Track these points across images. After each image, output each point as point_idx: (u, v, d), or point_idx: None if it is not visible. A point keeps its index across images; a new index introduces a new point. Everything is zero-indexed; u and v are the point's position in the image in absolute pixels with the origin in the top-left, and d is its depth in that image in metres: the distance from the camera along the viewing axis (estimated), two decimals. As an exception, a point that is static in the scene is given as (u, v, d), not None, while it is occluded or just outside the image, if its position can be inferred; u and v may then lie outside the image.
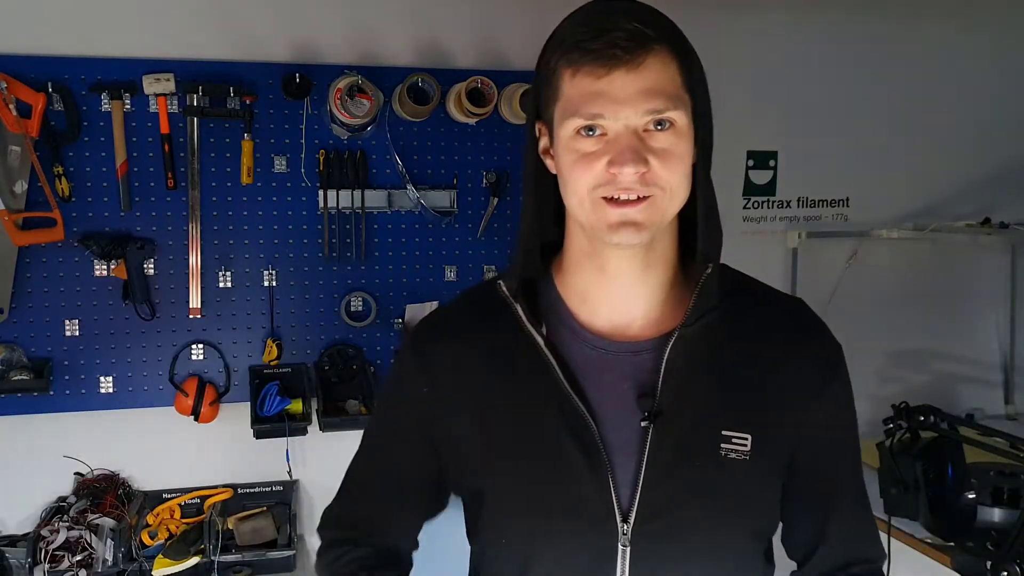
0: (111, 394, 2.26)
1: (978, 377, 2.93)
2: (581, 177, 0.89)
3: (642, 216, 0.88)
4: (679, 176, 0.89)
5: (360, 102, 2.22)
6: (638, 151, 0.86)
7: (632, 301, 0.98)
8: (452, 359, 1.03)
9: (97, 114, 2.19)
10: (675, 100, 0.87)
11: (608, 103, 0.86)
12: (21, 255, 2.17)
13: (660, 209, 0.89)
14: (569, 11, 0.95)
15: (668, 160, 0.87)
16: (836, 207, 2.80)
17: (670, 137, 0.88)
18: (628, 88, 0.85)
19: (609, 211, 0.88)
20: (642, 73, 0.86)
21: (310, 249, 2.36)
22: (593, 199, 0.89)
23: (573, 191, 0.91)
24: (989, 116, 2.84)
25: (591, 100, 0.86)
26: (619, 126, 0.87)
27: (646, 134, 0.87)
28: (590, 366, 0.97)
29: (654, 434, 0.93)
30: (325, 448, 2.41)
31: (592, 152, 0.88)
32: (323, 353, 2.39)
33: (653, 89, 0.86)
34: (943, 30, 2.79)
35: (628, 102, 0.85)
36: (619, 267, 0.96)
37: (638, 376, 0.96)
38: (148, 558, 2.18)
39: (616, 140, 0.87)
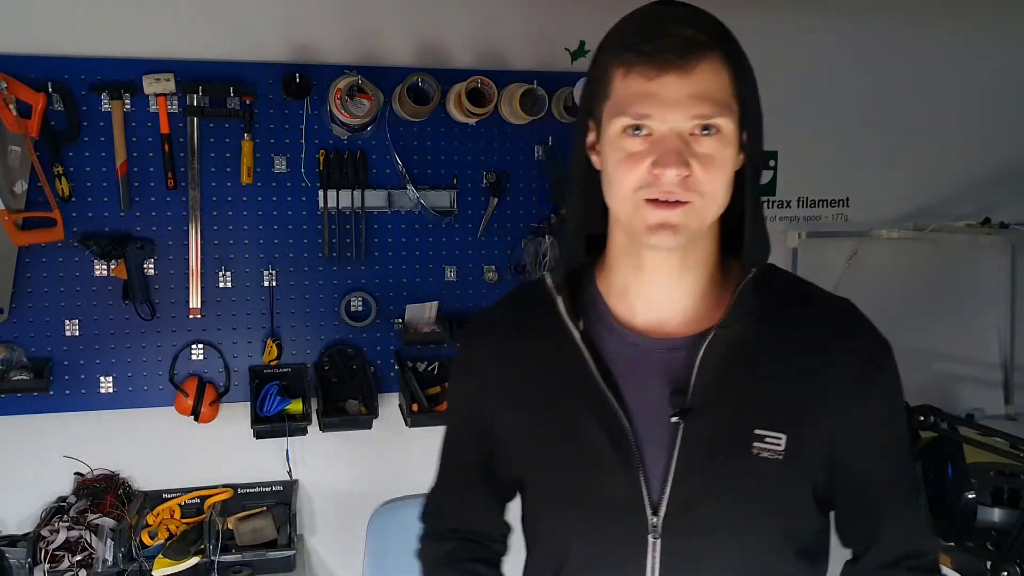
0: (111, 394, 2.27)
1: (978, 377, 2.93)
2: (625, 177, 0.90)
3: (680, 220, 0.89)
4: (719, 183, 0.90)
5: (360, 102, 2.22)
6: (682, 154, 0.87)
7: (669, 299, 0.99)
8: (495, 354, 1.07)
9: (97, 114, 2.19)
10: (723, 107, 0.88)
11: (657, 105, 0.87)
12: (21, 255, 2.17)
13: (698, 215, 0.91)
14: (568, 11, 0.95)
15: (710, 166, 0.89)
16: (836, 207, 2.80)
17: (715, 143, 0.89)
18: (677, 92, 0.87)
19: (649, 212, 0.90)
20: (692, 78, 0.87)
21: (310, 249, 2.36)
22: (635, 200, 0.90)
23: (616, 189, 0.92)
24: (989, 116, 2.84)
25: (640, 100, 0.88)
26: (665, 128, 0.88)
27: (692, 138, 0.88)
28: (625, 362, 0.99)
29: (685, 430, 0.95)
30: (325, 448, 2.41)
31: (637, 152, 0.89)
32: (323, 353, 2.39)
33: (702, 95, 0.87)
34: (943, 30, 2.79)
35: (676, 105, 0.87)
36: (656, 266, 0.97)
37: (672, 373, 0.97)
38: (148, 558, 2.18)
39: (662, 142, 0.88)
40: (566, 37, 2.46)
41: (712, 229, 0.97)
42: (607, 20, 1.05)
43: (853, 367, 0.98)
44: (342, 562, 2.50)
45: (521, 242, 2.49)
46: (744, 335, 0.96)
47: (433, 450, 1.19)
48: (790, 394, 0.96)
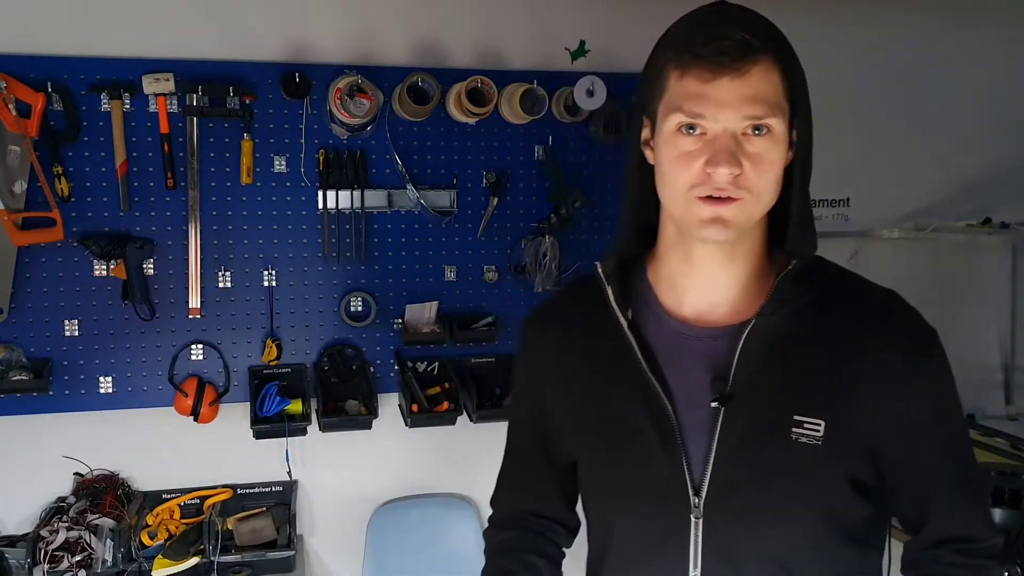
0: (110, 394, 2.26)
1: (978, 378, 2.93)
2: (679, 174, 0.94)
3: (731, 215, 0.94)
4: (769, 181, 0.95)
5: (360, 102, 2.22)
6: (734, 153, 0.91)
7: (715, 290, 1.03)
8: (550, 342, 1.14)
9: (96, 114, 2.19)
10: (774, 108, 0.93)
11: (711, 106, 0.92)
12: (21, 255, 2.17)
13: (748, 211, 0.95)
14: (567, 11, 0.96)
15: (760, 165, 0.93)
16: (836, 207, 2.80)
17: (766, 142, 0.93)
18: (731, 94, 0.91)
19: (703, 208, 0.94)
20: (746, 81, 0.91)
21: (310, 249, 2.36)
22: (688, 197, 0.95)
23: (670, 186, 0.97)
24: (989, 116, 2.84)
25: (695, 101, 0.92)
26: (718, 128, 0.92)
27: (743, 137, 0.93)
28: (670, 349, 1.03)
29: (725, 415, 0.99)
30: (325, 448, 2.41)
31: (691, 151, 0.93)
32: (323, 353, 2.39)
33: (754, 96, 0.91)
34: (943, 30, 2.79)
35: (729, 106, 0.91)
36: (704, 257, 1.01)
37: (714, 360, 1.01)
38: (147, 558, 2.18)
39: (714, 141, 0.92)
40: (566, 37, 2.46)
41: (760, 222, 1.01)
42: (607, 20, 1.06)
43: (895, 357, 1.00)
44: (342, 562, 2.50)
45: (521, 242, 2.49)
46: (787, 324, 0.99)
47: (433, 450, 1.20)
48: (830, 382, 0.99)
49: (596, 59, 2.47)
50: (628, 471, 1.05)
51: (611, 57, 2.47)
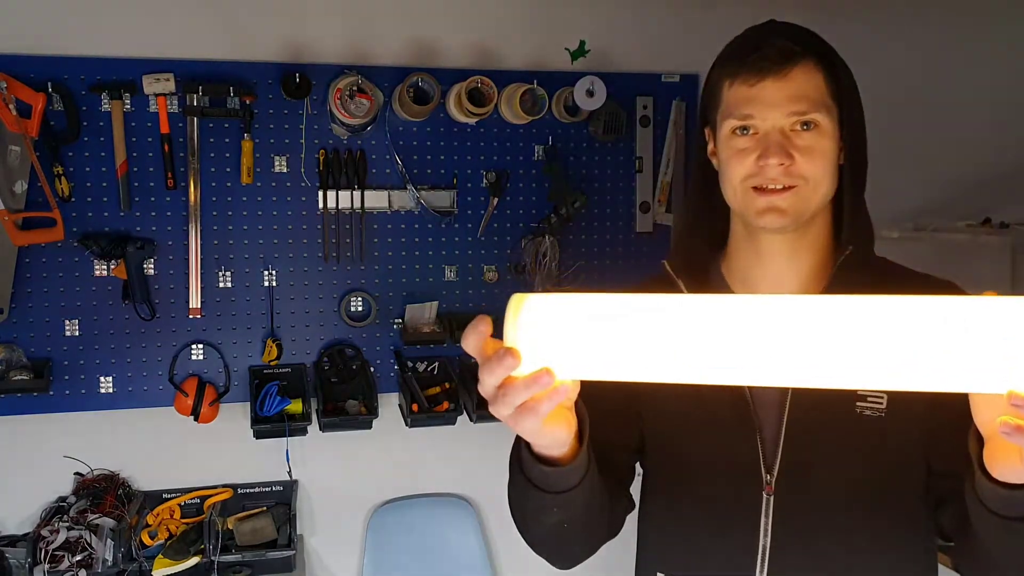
0: (111, 394, 2.27)
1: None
2: (735, 169, 1.03)
3: (786, 203, 1.01)
4: (821, 170, 1.01)
5: (360, 102, 2.22)
6: (783, 146, 0.99)
7: (784, 282, 1.09)
8: None
9: (97, 114, 2.19)
10: (818, 104, 1.01)
11: (758, 106, 1.01)
12: (21, 255, 2.17)
13: (803, 198, 1.01)
14: (568, 11, 0.98)
15: (810, 155, 1.00)
16: (836, 207, 2.80)
17: (814, 136, 1.01)
18: (776, 94, 1.00)
19: (757, 199, 1.02)
20: (789, 82, 1.00)
21: (310, 249, 2.36)
22: (744, 188, 1.03)
23: (729, 181, 1.05)
24: (990, 116, 2.84)
25: (744, 104, 1.02)
26: (767, 126, 1.01)
27: (792, 134, 1.01)
28: None
29: (794, 394, 1.04)
30: (325, 448, 2.41)
31: (745, 148, 1.02)
32: (323, 353, 2.39)
33: (798, 95, 1.00)
34: (944, 30, 2.79)
35: (776, 105, 1.00)
36: (772, 249, 1.08)
37: None
38: (148, 558, 2.19)
39: (765, 137, 1.01)
40: (566, 37, 2.46)
41: (823, 217, 1.08)
42: (607, 20, 1.07)
43: None
44: (342, 562, 2.50)
45: (521, 242, 2.49)
46: None
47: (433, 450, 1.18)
48: None
49: (596, 59, 2.47)
50: (705, 448, 1.09)
51: (611, 57, 2.48)
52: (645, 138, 2.53)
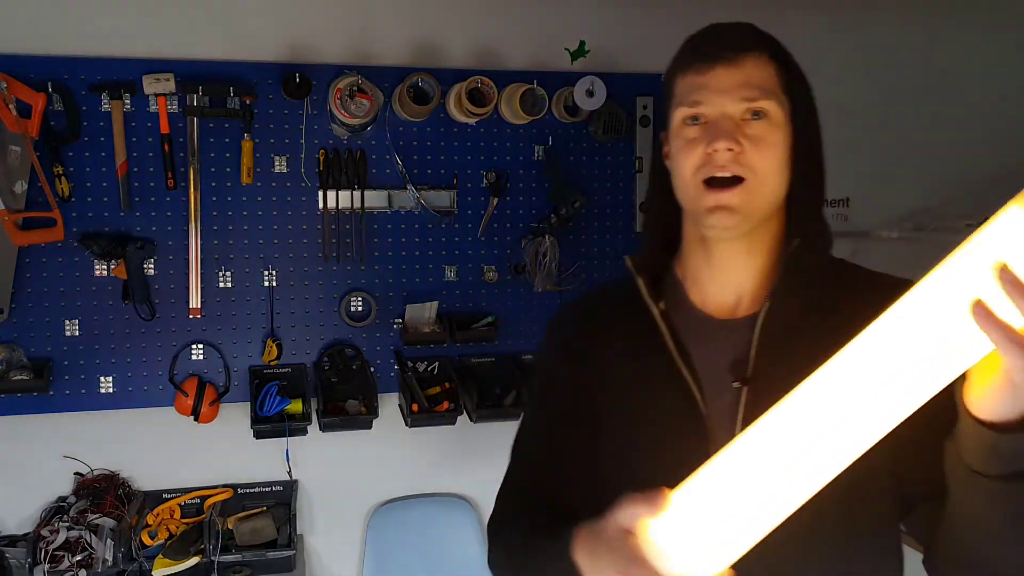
0: (111, 394, 2.27)
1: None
2: (685, 161, 1.00)
3: (736, 201, 0.97)
4: (771, 162, 0.98)
5: (360, 102, 2.22)
6: (731, 132, 0.96)
7: (736, 283, 1.06)
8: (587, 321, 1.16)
9: (97, 114, 2.19)
10: (768, 92, 0.98)
11: (708, 93, 0.98)
12: (21, 255, 2.17)
13: (753, 193, 0.98)
14: (568, 11, 0.98)
15: (760, 145, 0.97)
16: (836, 207, 2.80)
17: (764, 126, 0.98)
18: (726, 81, 0.98)
19: (707, 196, 0.98)
20: (740, 69, 0.98)
21: (310, 249, 2.36)
22: (695, 183, 0.99)
23: (680, 176, 1.01)
24: (990, 116, 2.84)
25: (694, 91, 0.99)
26: (717, 112, 0.98)
27: (743, 122, 0.98)
28: (699, 338, 1.05)
29: (748, 399, 1.00)
30: (325, 448, 2.41)
31: (695, 138, 0.99)
32: (323, 353, 2.39)
33: (748, 82, 0.98)
34: (944, 30, 2.79)
35: (725, 92, 0.97)
36: (723, 253, 1.05)
37: (737, 348, 1.03)
38: (148, 558, 2.19)
39: (714, 124, 0.98)
40: (566, 37, 2.46)
41: (777, 220, 1.04)
42: (607, 20, 1.07)
43: None
44: (342, 562, 2.50)
45: (521, 242, 2.49)
46: (808, 308, 1.01)
47: (433, 450, 1.18)
48: None
49: (596, 59, 2.47)
50: (656, 458, 1.03)
51: (611, 57, 2.48)
52: (645, 138, 2.53)
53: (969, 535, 0.91)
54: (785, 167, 1.00)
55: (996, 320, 0.69)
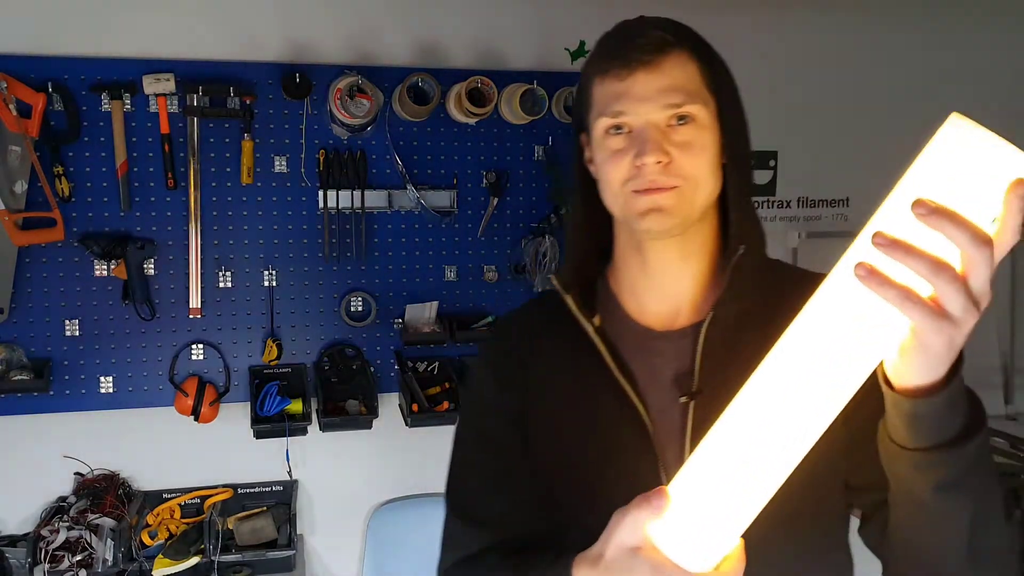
0: (111, 394, 2.27)
1: (978, 378, 2.89)
2: (612, 172, 0.96)
3: (669, 203, 0.94)
4: (702, 168, 0.95)
5: (360, 102, 2.22)
6: (659, 143, 0.92)
7: (674, 290, 1.03)
8: (520, 342, 1.10)
9: (97, 114, 2.19)
10: (693, 96, 0.94)
11: (630, 101, 0.93)
12: (21, 255, 2.17)
13: (686, 198, 0.94)
14: (568, 10, 0.97)
15: (689, 151, 0.93)
16: (836, 207, 2.80)
17: (691, 130, 0.94)
18: (648, 87, 0.93)
19: (639, 200, 0.94)
20: (661, 73, 0.93)
21: (310, 249, 2.36)
22: (625, 193, 0.95)
23: (607, 187, 0.98)
24: (990, 116, 2.83)
25: (615, 100, 0.94)
26: (641, 122, 0.93)
27: (668, 129, 0.94)
28: (638, 353, 1.02)
29: (696, 413, 0.97)
30: (325, 448, 2.41)
31: (620, 149, 0.95)
32: (323, 353, 2.39)
33: (671, 87, 0.93)
34: (944, 29, 2.79)
35: (648, 99, 0.93)
36: (658, 257, 1.01)
37: (681, 360, 1.00)
38: (148, 558, 2.19)
39: (639, 135, 0.93)
40: (566, 37, 2.45)
41: (710, 220, 1.01)
42: (607, 20, 1.06)
43: None
44: (342, 562, 2.50)
45: (521, 242, 2.49)
46: (747, 315, 0.98)
47: (433, 450, 1.17)
48: None
49: (596, 59, 2.47)
50: (603, 476, 0.99)
51: (611, 57, 2.47)
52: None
53: (909, 524, 0.88)
54: (716, 167, 0.97)
55: (884, 279, 0.66)
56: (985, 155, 0.68)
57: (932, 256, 0.65)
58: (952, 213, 0.65)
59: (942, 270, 0.65)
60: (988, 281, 0.68)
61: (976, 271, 0.66)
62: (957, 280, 0.65)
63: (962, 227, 0.65)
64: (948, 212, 0.65)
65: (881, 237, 0.67)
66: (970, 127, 0.69)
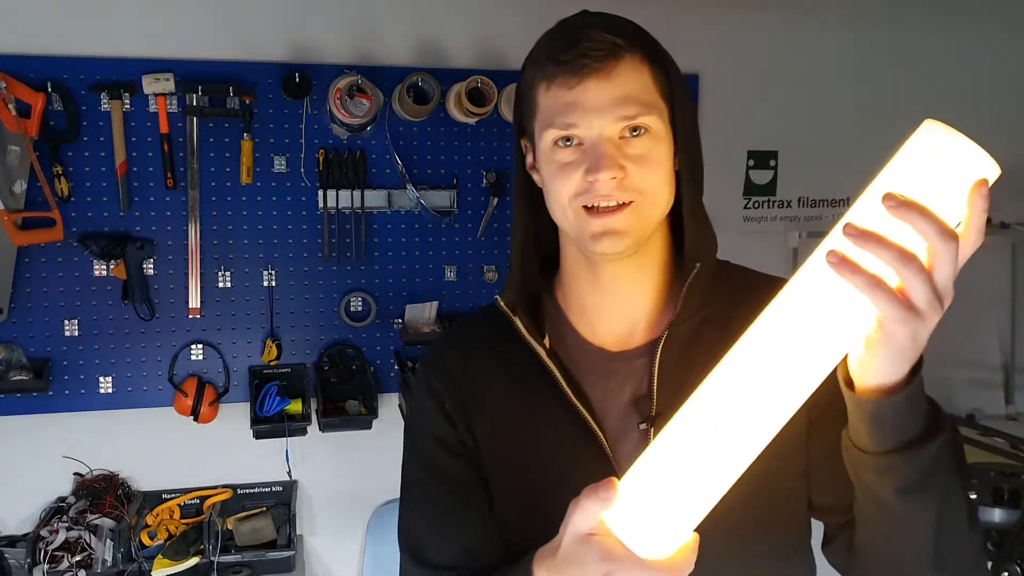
0: (110, 394, 2.26)
1: (978, 377, 2.93)
2: (561, 187, 0.90)
3: (624, 224, 0.88)
4: (658, 181, 0.90)
5: (360, 102, 2.22)
6: (613, 158, 0.86)
7: (629, 308, 0.98)
8: (465, 367, 1.02)
9: (96, 114, 2.19)
10: (648, 106, 0.88)
11: (581, 113, 0.87)
12: (20, 255, 2.17)
13: (642, 215, 0.89)
14: (568, 10, 0.95)
15: (645, 165, 0.88)
16: (837, 207, 2.80)
17: (646, 143, 0.88)
18: (600, 97, 0.86)
19: (591, 221, 0.89)
20: (613, 81, 0.86)
21: (310, 249, 2.36)
22: (575, 208, 0.89)
23: (556, 201, 0.92)
24: (990, 116, 2.83)
25: (565, 111, 0.87)
26: (594, 134, 0.87)
27: (622, 141, 0.88)
28: (593, 375, 0.97)
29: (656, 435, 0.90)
30: (325, 449, 2.41)
31: (570, 162, 0.89)
32: (323, 353, 2.39)
33: (625, 97, 0.87)
34: (944, 29, 2.79)
35: (601, 111, 0.86)
36: (612, 275, 0.96)
37: (638, 380, 0.95)
38: (147, 558, 2.19)
39: (592, 148, 0.87)
40: (566, 37, 2.45)
41: (662, 231, 0.97)
42: (607, 19, 1.03)
43: None
44: (342, 562, 2.49)
45: (521, 242, 2.48)
46: (703, 330, 0.95)
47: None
48: None
49: (596, 59, 2.46)
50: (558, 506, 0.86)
51: (611, 57, 2.47)
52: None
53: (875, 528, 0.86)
54: (671, 178, 0.91)
55: (855, 267, 0.65)
56: (955, 158, 0.69)
57: (900, 246, 0.65)
58: (920, 206, 0.66)
59: (909, 260, 0.65)
60: (951, 278, 0.68)
61: (941, 265, 0.67)
62: (923, 272, 0.66)
63: (929, 220, 0.65)
64: (917, 205, 0.66)
65: (852, 228, 0.67)
66: (943, 131, 0.70)
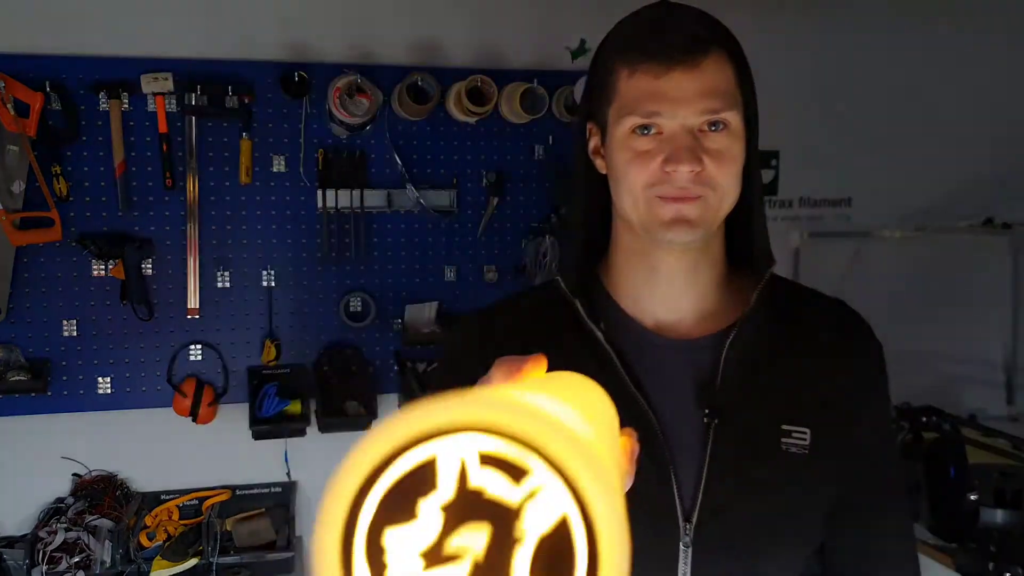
0: (109, 395, 2.26)
1: (980, 378, 2.92)
2: (637, 175, 0.89)
3: (695, 213, 0.88)
4: (731, 178, 0.90)
5: (359, 101, 2.21)
6: (694, 150, 0.86)
7: (682, 300, 0.97)
8: (515, 332, 1.00)
9: (95, 113, 2.18)
10: (730, 101, 0.88)
11: (666, 102, 0.87)
12: (19, 255, 2.16)
13: (712, 208, 0.90)
14: (568, 9, 0.94)
15: (722, 161, 0.88)
16: (838, 207, 2.79)
17: (724, 138, 0.88)
18: (686, 88, 0.86)
19: (663, 208, 0.89)
20: (700, 74, 0.87)
21: (309, 249, 2.36)
22: (647, 197, 0.89)
23: (628, 189, 0.91)
24: (992, 116, 2.83)
25: (649, 99, 0.87)
26: (675, 125, 0.87)
27: (700, 134, 0.88)
28: (649, 363, 0.96)
29: (717, 431, 0.92)
30: (324, 449, 2.40)
31: (647, 150, 0.88)
32: (322, 354, 2.39)
33: (710, 90, 0.87)
34: (946, 30, 2.78)
35: (686, 102, 0.86)
36: (671, 266, 0.95)
37: (698, 373, 0.95)
38: (146, 559, 2.18)
39: (672, 139, 0.87)
40: (566, 35, 2.45)
41: (720, 228, 0.96)
42: (607, 19, 1.04)
43: (864, 366, 0.98)
44: (341, 563, 2.49)
45: (521, 242, 2.48)
46: (761, 332, 0.95)
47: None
48: (811, 389, 0.95)
49: (596, 58, 2.46)
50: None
51: (611, 56, 2.47)
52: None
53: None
54: (741, 177, 0.91)
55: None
56: None
57: None
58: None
59: None
60: None
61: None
62: None
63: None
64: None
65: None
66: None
